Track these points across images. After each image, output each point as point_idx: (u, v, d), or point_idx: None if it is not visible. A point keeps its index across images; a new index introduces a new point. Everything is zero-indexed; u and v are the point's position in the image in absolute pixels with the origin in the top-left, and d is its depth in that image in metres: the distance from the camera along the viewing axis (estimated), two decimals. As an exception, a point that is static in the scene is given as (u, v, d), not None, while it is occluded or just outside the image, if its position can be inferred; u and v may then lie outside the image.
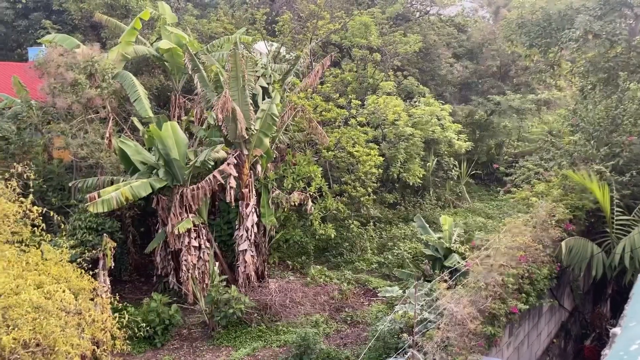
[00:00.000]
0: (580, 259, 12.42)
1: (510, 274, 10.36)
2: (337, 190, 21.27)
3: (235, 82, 16.93)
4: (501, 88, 31.12)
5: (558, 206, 13.03)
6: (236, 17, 29.85)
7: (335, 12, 28.74)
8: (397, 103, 24.03)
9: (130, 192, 15.39)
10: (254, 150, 17.84)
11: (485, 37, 34.13)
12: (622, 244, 12.21)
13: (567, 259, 12.33)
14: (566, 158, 15.22)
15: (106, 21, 22.32)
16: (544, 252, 11.79)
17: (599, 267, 12.50)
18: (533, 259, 11.39)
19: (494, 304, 9.68)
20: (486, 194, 28.41)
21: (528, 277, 11.05)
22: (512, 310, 10.08)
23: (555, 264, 12.18)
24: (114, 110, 19.54)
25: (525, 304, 10.60)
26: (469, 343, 8.67)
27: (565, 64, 21.30)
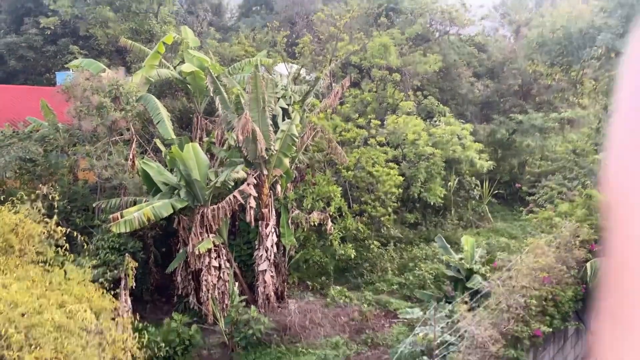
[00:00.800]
0: (607, 281, 12.06)
1: (533, 295, 10.13)
2: (357, 210, 21.19)
3: (255, 103, 17.14)
4: (523, 107, 30.83)
5: (582, 226, 12.74)
6: (257, 40, 30.37)
7: (354, 34, 29.01)
8: (417, 122, 23.98)
9: (152, 212, 15.59)
10: (273, 171, 17.95)
11: (506, 56, 34.00)
12: (650, 265, 11.84)
13: (592, 281, 12.01)
14: (590, 177, 14.95)
15: (131, 46, 22.93)
16: (568, 273, 11.51)
17: (626, 289, 12.12)
18: (557, 280, 11.13)
19: (516, 326, 9.45)
20: (509, 214, 27.95)
21: (552, 299, 10.79)
22: (535, 333, 9.83)
23: (580, 285, 11.88)
24: (138, 132, 19.94)
25: (549, 327, 10.33)
26: (491, 367, 8.47)
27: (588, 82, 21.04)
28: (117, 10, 27.12)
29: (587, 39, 17.08)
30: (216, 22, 47.64)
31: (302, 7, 41.66)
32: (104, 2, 27.16)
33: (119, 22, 26.78)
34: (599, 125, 16.70)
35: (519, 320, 9.69)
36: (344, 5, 36.67)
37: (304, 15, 40.54)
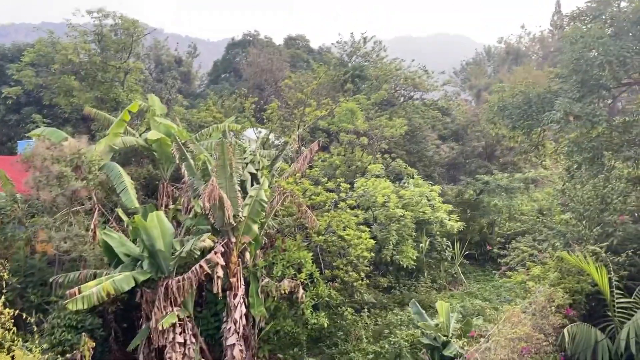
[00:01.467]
0: (585, 347, 11.81)
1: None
2: (329, 275, 20.65)
3: (222, 169, 16.89)
4: (488, 167, 31.53)
5: (557, 290, 12.59)
6: (225, 107, 30.60)
7: (321, 99, 29.56)
8: (386, 185, 24.05)
9: (112, 286, 14.80)
10: (242, 238, 17.47)
11: (469, 119, 35.12)
12: (627, 329, 11.68)
13: (571, 348, 11.73)
14: (559, 239, 14.98)
15: (95, 114, 22.68)
16: (546, 341, 11.21)
17: (604, 355, 11.86)
18: (536, 349, 10.79)
19: (498, 403, 8.99)
20: (482, 275, 27.82)
21: (532, 370, 10.41)
22: (518, 409, 9.37)
23: (559, 353, 11.55)
24: (100, 202, 19.32)
25: (531, 401, 9.89)
26: None
27: (549, 144, 21.64)
28: (82, 79, 27.07)
29: (545, 103, 17.63)
30: (185, 89, 48.19)
31: (270, 74, 42.63)
32: (68, 71, 27.09)
33: (84, 90, 26.65)
34: (564, 187, 16.98)
35: (501, 396, 9.24)
36: (311, 73, 37.70)
37: (272, 82, 41.43)
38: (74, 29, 26.80)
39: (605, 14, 16.54)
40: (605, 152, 15.83)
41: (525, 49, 65.84)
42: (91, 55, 27.36)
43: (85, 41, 27.19)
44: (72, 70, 27.15)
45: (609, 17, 16.54)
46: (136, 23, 27.38)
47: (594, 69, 15.47)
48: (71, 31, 26.87)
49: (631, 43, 15.43)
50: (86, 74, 26.95)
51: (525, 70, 46.53)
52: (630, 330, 11.57)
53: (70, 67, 26.88)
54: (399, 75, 35.35)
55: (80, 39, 27.12)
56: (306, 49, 57.89)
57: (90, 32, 27.23)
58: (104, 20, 26.66)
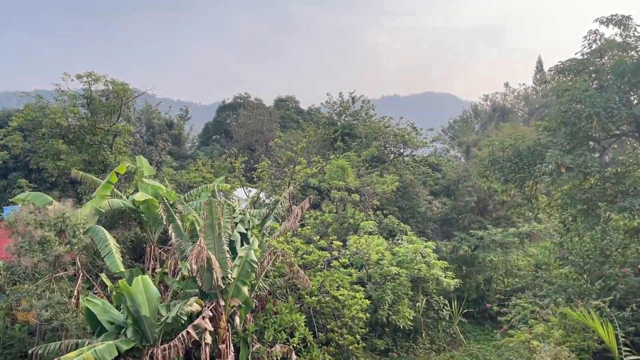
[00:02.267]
0: (598, 411, 11.09)
1: None
2: (323, 339, 19.79)
3: (210, 230, 16.45)
4: (482, 222, 31.24)
5: (562, 350, 11.97)
6: (215, 167, 30.46)
7: (312, 157, 29.57)
8: (380, 242, 23.59)
9: (94, 356, 13.91)
10: (231, 301, 16.77)
11: (459, 175, 35.20)
12: (640, 389, 11.02)
13: (583, 412, 10.99)
14: (561, 294, 14.49)
15: (82, 177, 22.36)
16: (557, 406, 10.50)
17: (618, 418, 11.14)
18: (547, 415, 10.08)
19: None
20: (481, 334, 26.84)
21: None
22: None
23: (571, 418, 10.82)
24: (84, 267, 18.66)
25: None
26: None
27: (542, 197, 21.50)
28: (71, 142, 26.96)
29: (535, 155, 17.64)
30: (176, 151, 48.32)
31: (260, 134, 43.02)
32: (56, 135, 27.01)
33: (72, 154, 26.47)
34: (561, 240, 16.65)
35: None
36: (300, 132, 38.02)
37: (263, 142, 41.71)
38: (63, 94, 26.95)
39: (589, 68, 16.84)
40: (600, 203, 15.65)
41: (511, 106, 67.46)
42: (80, 118, 27.39)
43: (74, 104, 27.28)
44: (60, 134, 27.09)
45: (593, 71, 16.83)
46: (126, 87, 27.62)
47: (582, 121, 15.56)
48: (60, 96, 27.01)
49: (617, 95, 15.62)
50: (74, 137, 26.87)
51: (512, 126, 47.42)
52: (643, 391, 10.92)
53: (58, 130, 26.84)
54: (388, 132, 35.69)
55: (70, 102, 27.21)
56: (296, 110, 58.90)
57: (80, 96, 27.38)
58: (94, 85, 26.90)
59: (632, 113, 15.09)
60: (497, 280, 29.46)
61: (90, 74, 26.26)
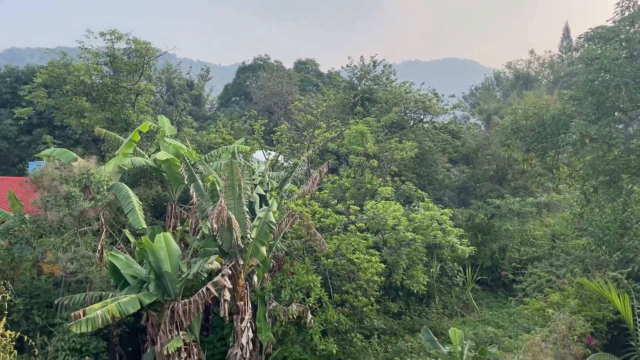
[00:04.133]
0: (608, 378, 11.28)
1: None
2: (338, 300, 20.21)
3: (231, 190, 16.68)
4: (499, 191, 31.07)
5: (577, 319, 12.10)
6: (235, 128, 30.54)
7: (331, 122, 29.45)
8: (396, 208, 23.67)
9: (118, 309, 14.47)
10: (250, 260, 17.15)
11: (479, 143, 34.81)
12: (651, 359, 11.15)
13: (593, 379, 11.19)
14: (578, 264, 14.52)
15: (106, 135, 22.65)
16: (568, 371, 10.70)
17: (629, 386, 11.33)
18: (557, 381, 10.29)
19: None
20: (494, 301, 27.15)
21: (554, 402, 9.90)
22: None
23: (581, 385, 11.04)
24: (108, 222, 19.12)
25: None
26: None
27: (563, 167, 21.25)
28: (94, 100, 27.15)
29: (560, 125, 17.39)
30: (196, 112, 48.41)
31: (280, 97, 42.75)
32: (80, 92, 27.20)
33: (95, 111, 26.70)
34: (582, 210, 16.57)
35: None
36: (320, 96, 37.74)
37: (282, 104, 41.50)
38: (86, 51, 27.00)
39: (620, 36, 16.35)
40: (623, 175, 15.47)
41: (535, 74, 65.80)
42: (103, 76, 27.50)
43: (97, 63, 27.37)
44: (84, 91, 27.27)
45: (623, 40, 16.35)
46: (148, 45, 27.56)
47: (609, 91, 15.24)
48: (84, 53, 27.06)
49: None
50: (97, 95, 27.05)
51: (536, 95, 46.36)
52: (655, 361, 11.06)
53: (82, 88, 27.01)
54: (409, 98, 35.23)
55: (93, 60, 27.30)
56: (316, 73, 58.25)
57: (103, 54, 27.43)
58: (117, 43, 26.87)
59: (663, 84, 14.73)
60: (512, 250, 29.51)
61: (113, 31, 26.21)
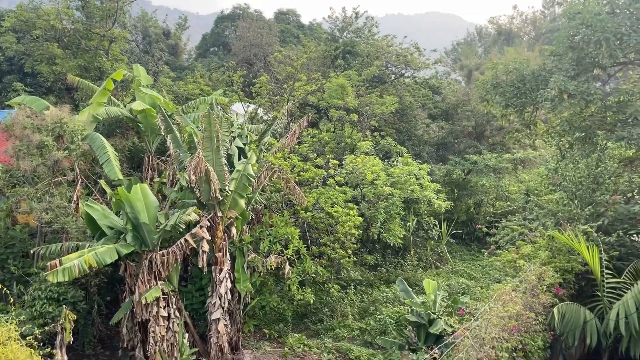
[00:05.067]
0: (574, 327, 11.77)
1: (503, 347, 9.61)
2: (316, 252, 20.50)
3: (209, 142, 16.45)
4: (477, 147, 31.37)
5: (547, 270, 12.49)
6: (213, 79, 29.90)
7: (312, 74, 29.02)
8: (376, 162, 23.78)
9: (95, 259, 14.41)
10: (228, 212, 17.13)
11: (459, 99, 34.81)
12: (616, 309, 11.65)
13: (560, 327, 11.68)
14: (550, 218, 14.87)
15: (79, 83, 21.95)
16: (536, 320, 11.12)
17: (593, 334, 11.85)
18: (526, 328, 10.70)
19: (487, 382, 8.89)
20: (468, 254, 27.88)
21: (522, 349, 10.33)
22: (506, 388, 9.30)
23: (548, 332, 11.50)
24: (83, 173, 18.81)
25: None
26: None
27: (540, 124, 21.45)
28: (66, 47, 26.19)
29: (539, 81, 17.41)
30: (172, 62, 47.17)
31: (259, 48, 41.79)
32: (51, 38, 26.16)
33: (67, 58, 25.79)
34: (557, 165, 16.84)
35: (491, 375, 9.14)
36: (301, 47, 37.03)
37: (262, 56, 40.65)
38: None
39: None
40: (599, 131, 15.68)
41: (517, 30, 65.38)
42: (75, 22, 26.43)
43: (68, 7, 26.23)
44: (55, 37, 26.24)
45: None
46: (121, -11, 26.50)
47: (590, 47, 15.22)
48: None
49: (628, 21, 15.17)
50: (69, 42, 26.08)
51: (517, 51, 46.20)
52: (619, 311, 11.55)
53: (52, 33, 25.97)
54: (391, 52, 34.79)
55: (64, 4, 26.14)
56: (296, 24, 57.01)
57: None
58: (88, -13, 25.75)
59: (642, 40, 14.73)
60: (487, 204, 30.12)
61: (83, -26, 25.09)
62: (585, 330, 11.91)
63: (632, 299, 11.48)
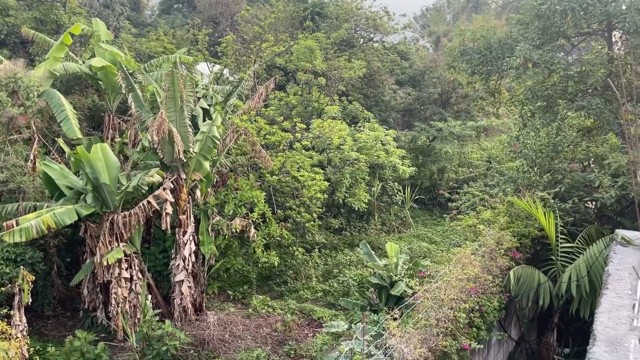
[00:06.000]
0: (528, 289, 12.29)
1: (461, 308, 9.97)
2: (281, 216, 20.56)
3: (172, 102, 16.04)
4: (442, 115, 31.68)
5: (505, 234, 12.91)
6: (177, 37, 28.95)
7: (279, 35, 28.46)
8: (342, 127, 23.77)
9: (53, 219, 14.05)
10: (192, 174, 16.89)
11: (426, 65, 34.89)
12: (568, 272, 12.19)
13: (515, 289, 12.16)
14: (510, 184, 15.28)
15: (34, 36, 20.87)
16: (493, 282, 11.54)
17: (546, 296, 12.41)
18: (483, 290, 11.10)
19: (445, 341, 9.22)
20: (430, 219, 28.50)
21: (479, 309, 10.73)
22: (463, 347, 9.67)
23: (504, 294, 11.96)
24: (40, 131, 18.10)
25: (476, 339, 10.22)
26: (420, 385, 8.14)
27: (504, 92, 21.78)
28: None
29: (505, 49, 17.58)
30: (134, 17, 45.38)
31: (226, 7, 40.57)
32: (3, -13, 24.73)
33: (22, 10, 24.43)
34: (518, 134, 17.22)
35: (448, 334, 9.49)
36: (269, 7, 36.12)
37: (228, 15, 39.52)
38: (7, -60, 24.26)
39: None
40: (560, 100, 16.02)
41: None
42: (28, -30, 25.01)
43: (21, -46, 24.75)
44: (7, -14, 24.79)
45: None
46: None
47: (555, 16, 15.37)
48: (5, -58, 24.33)
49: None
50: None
51: (485, 19, 46.40)
52: (572, 274, 12.09)
53: (4, -18, 24.52)
54: (360, 15, 34.34)
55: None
56: (265, -18, 55.37)
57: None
58: None
59: (606, 11, 14.96)
60: (450, 171, 30.68)
61: None
62: (539, 292, 12.46)
63: (583, 263, 12.03)
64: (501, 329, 12.76)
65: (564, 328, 13.86)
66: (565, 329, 13.70)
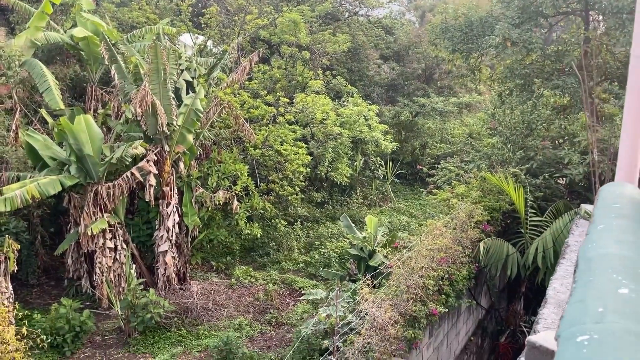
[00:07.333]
0: (497, 259, 12.88)
1: (431, 276, 10.50)
2: (264, 189, 20.91)
3: (155, 74, 16.13)
4: (426, 90, 31.97)
5: (477, 208, 13.44)
6: (160, 7, 28.59)
7: (264, 7, 28.31)
8: (326, 102, 23.99)
9: (37, 189, 14.22)
10: (176, 147, 17.09)
11: (411, 40, 34.95)
12: (535, 244, 12.78)
13: (484, 260, 12.74)
14: (485, 160, 15.77)
15: (14, 5, 20.56)
16: (463, 253, 12.09)
17: (513, 266, 13.02)
18: (453, 260, 11.64)
19: (414, 306, 9.76)
20: (410, 194, 29.08)
21: (448, 278, 11.28)
22: (432, 312, 10.23)
23: (473, 264, 12.54)
24: (22, 101, 18.08)
25: (445, 306, 10.79)
26: (390, 347, 8.66)
27: (485, 70, 22.12)
28: (-2, -37, 24.18)
29: (486, 27, 17.85)
30: (116, -15, 44.46)
31: (210, -24, 39.93)
32: (-20, -48, 24.08)
33: (0, -24, 23.90)
34: (494, 111, 17.65)
35: (418, 300, 10.02)
36: (254, -22, 35.67)
37: (212, -15, 38.93)
38: None
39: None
40: (536, 79, 16.43)
41: (473, -27, 65.01)
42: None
43: None
44: (-15, -48, 24.15)
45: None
46: None
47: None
48: None
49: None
50: (1, -42, 24.09)
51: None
52: (538, 246, 12.69)
53: (-19, -52, 23.87)
54: (346, -13, 34.17)
55: None
56: (250, -48, 54.33)
57: None
58: None
59: (584, -9, 15.32)
60: (431, 146, 31.15)
61: None
62: (507, 262, 13.07)
63: (550, 236, 12.63)
64: (471, 297, 13.40)
65: (532, 297, 14.55)
66: (533, 297, 14.38)
